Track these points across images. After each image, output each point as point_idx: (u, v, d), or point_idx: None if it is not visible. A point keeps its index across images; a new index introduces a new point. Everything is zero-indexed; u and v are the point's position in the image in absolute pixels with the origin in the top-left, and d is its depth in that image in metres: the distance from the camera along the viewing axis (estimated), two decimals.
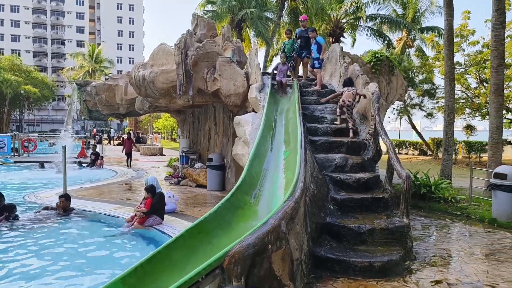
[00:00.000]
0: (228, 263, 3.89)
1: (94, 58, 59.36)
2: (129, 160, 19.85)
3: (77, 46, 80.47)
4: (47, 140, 32.97)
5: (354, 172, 7.24)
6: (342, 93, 8.75)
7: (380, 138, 7.65)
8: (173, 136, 53.71)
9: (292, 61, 11.67)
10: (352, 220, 6.18)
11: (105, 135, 42.69)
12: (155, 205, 8.09)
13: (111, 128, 31.97)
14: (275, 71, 10.30)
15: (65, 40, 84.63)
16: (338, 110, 8.57)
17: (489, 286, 4.99)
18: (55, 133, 45.69)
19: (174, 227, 7.76)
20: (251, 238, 4.07)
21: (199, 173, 13.26)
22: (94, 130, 53.91)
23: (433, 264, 5.84)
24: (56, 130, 63.95)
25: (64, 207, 8.81)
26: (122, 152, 20.32)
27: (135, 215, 8.03)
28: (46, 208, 8.95)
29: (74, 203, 9.26)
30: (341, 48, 11.89)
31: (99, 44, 70.75)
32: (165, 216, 8.31)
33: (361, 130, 8.54)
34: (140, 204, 8.38)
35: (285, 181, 5.93)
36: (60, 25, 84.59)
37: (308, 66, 11.61)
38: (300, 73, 12.17)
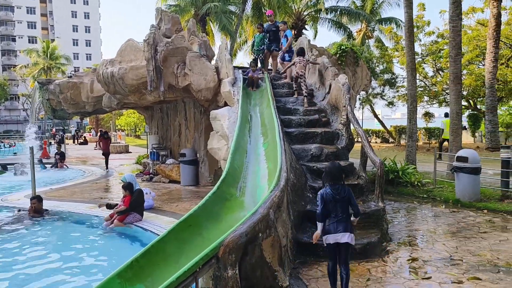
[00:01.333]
0: (223, 252, 4.03)
1: (49, 55, 56.93)
2: (107, 161, 17.53)
3: (29, 42, 76.79)
4: (7, 143, 31.52)
5: (330, 161, 7.52)
6: (294, 63, 9.83)
7: (352, 127, 8.01)
8: (137, 133, 52.68)
9: (261, 55, 11.87)
10: None
11: (68, 134, 41.19)
12: (134, 202, 8.06)
13: (72, 127, 30.93)
14: (245, 77, 10.28)
15: (15, 36, 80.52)
16: (294, 84, 9.85)
17: (459, 260, 5.41)
18: (10, 134, 43.72)
19: (154, 223, 7.79)
20: (243, 228, 4.24)
21: (171, 169, 13.23)
22: (54, 129, 51.97)
23: (408, 244, 6.23)
24: (10, 131, 61.13)
25: (37, 209, 8.60)
26: (96, 148, 19.76)
27: (114, 213, 7.98)
28: (19, 211, 8.71)
29: (46, 205, 9.05)
30: (309, 41, 12.20)
31: (53, 40, 67.84)
32: (144, 212, 8.30)
33: (333, 121, 8.86)
34: (120, 203, 8.32)
35: (267, 171, 6.12)
36: (9, 21, 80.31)
37: (278, 59, 11.83)
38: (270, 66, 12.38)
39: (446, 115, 16.83)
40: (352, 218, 4.51)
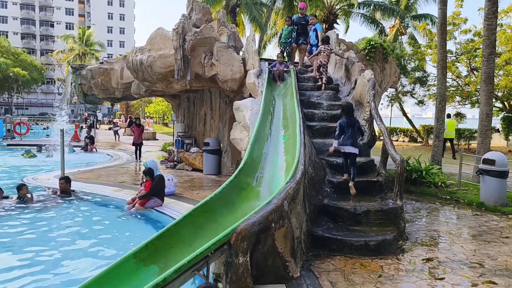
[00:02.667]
0: (235, 239, 4.13)
1: (84, 41, 58.51)
2: (138, 152, 15.72)
3: (66, 28, 79.10)
4: (41, 124, 32.66)
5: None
6: (320, 52, 10.00)
7: (375, 123, 7.92)
8: (165, 121, 53.57)
9: (288, 48, 11.82)
10: (348, 202, 6.45)
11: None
12: (155, 187, 8.28)
13: (96, 112, 31.59)
14: (272, 69, 10.29)
15: (54, 22, 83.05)
16: (316, 72, 10.11)
17: (476, 263, 5.31)
18: (45, 117, 45.37)
19: (174, 208, 7.99)
20: (256, 217, 4.32)
21: (195, 157, 13.44)
22: (85, 113, 53.53)
23: (424, 244, 6.15)
24: (45, 114, 63.36)
25: (64, 189, 8.96)
26: (124, 134, 19.74)
27: (135, 197, 8.23)
28: (54, 192, 9.11)
29: (73, 186, 9.41)
30: (337, 35, 12.07)
31: (88, 27, 69.69)
32: (165, 198, 8.52)
33: (356, 116, 8.76)
34: (140, 187, 8.57)
35: (285, 164, 6.16)
36: (48, 7, 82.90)
37: (306, 52, 11.77)
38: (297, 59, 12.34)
39: (448, 116, 18.22)
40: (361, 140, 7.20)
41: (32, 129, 27.65)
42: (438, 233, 6.75)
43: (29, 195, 8.41)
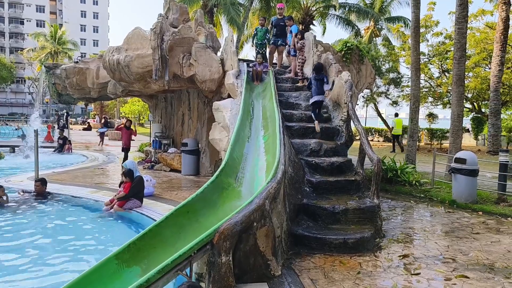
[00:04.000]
0: (218, 239, 4.17)
1: (56, 39, 57.06)
2: (127, 156, 13.77)
3: (37, 26, 76.90)
4: (11, 125, 31.64)
5: (328, 156, 7.65)
6: (301, 48, 10.66)
7: (352, 124, 8.10)
8: (140, 121, 52.84)
9: (263, 49, 11.91)
10: (327, 201, 6.58)
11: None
12: (134, 188, 8.21)
13: (65, 112, 30.65)
14: (250, 70, 10.37)
15: (23, 19, 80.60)
16: (299, 72, 10.62)
17: (450, 259, 5.52)
18: (15, 117, 44.00)
19: (153, 209, 7.94)
20: (238, 216, 4.37)
21: (173, 158, 13.37)
22: (56, 114, 52.18)
23: (400, 241, 6.34)
24: (15, 114, 61.46)
25: (40, 192, 8.77)
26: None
27: (114, 199, 8.13)
28: (23, 192, 8.88)
29: (49, 188, 9.20)
30: (314, 36, 12.23)
31: (60, 25, 67.97)
32: (144, 199, 8.45)
33: (334, 117, 8.95)
34: (120, 189, 8.47)
35: (265, 163, 6.23)
36: (18, 3, 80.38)
37: (284, 53, 11.90)
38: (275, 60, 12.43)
39: (396, 115, 21.82)
40: (325, 88, 8.75)
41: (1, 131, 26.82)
42: (413, 230, 6.97)
43: (4, 197, 8.19)
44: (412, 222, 7.52)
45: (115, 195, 8.38)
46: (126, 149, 13.81)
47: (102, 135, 24.27)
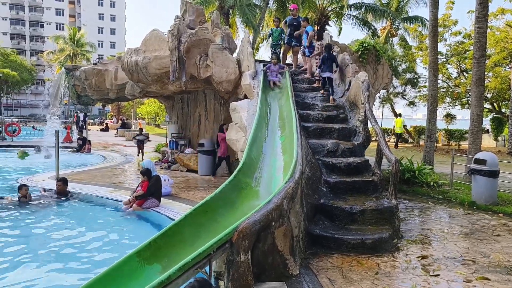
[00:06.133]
0: (237, 237, 4.21)
1: (75, 42, 58.10)
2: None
3: (57, 29, 78.53)
4: (35, 128, 32.22)
5: (345, 157, 7.63)
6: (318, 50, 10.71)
7: (369, 124, 8.07)
8: (157, 122, 53.38)
9: (278, 49, 11.95)
10: (344, 201, 6.57)
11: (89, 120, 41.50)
12: (152, 187, 8.33)
13: (83, 113, 31.05)
14: (267, 71, 10.14)
15: (43, 22, 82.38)
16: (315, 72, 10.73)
17: (470, 260, 5.46)
18: (35, 117, 44.97)
19: (171, 208, 8.04)
20: (257, 215, 4.40)
21: (189, 158, 13.49)
22: (75, 115, 53.05)
23: (419, 242, 6.29)
24: (35, 115, 62.75)
25: (61, 191, 8.97)
26: (116, 135, 19.39)
27: (134, 198, 8.26)
28: (44, 191, 9.11)
29: (69, 187, 9.39)
30: (331, 37, 12.22)
31: (79, 27, 69.19)
32: (162, 199, 8.56)
33: (350, 117, 8.92)
34: (137, 188, 8.61)
35: (283, 164, 6.26)
36: (38, 7, 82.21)
37: (299, 54, 11.90)
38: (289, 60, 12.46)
39: (398, 115, 25.13)
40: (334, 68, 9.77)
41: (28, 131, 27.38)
42: (432, 231, 6.90)
43: (27, 196, 8.42)
44: (430, 223, 7.44)
45: (132, 192, 8.53)
46: (226, 158, 11.92)
47: (141, 144, 17.00)
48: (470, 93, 20.51)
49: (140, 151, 16.73)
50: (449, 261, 5.41)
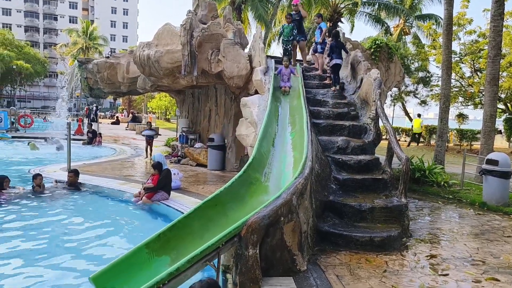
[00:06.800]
0: (246, 232, 4.23)
1: (88, 35, 58.54)
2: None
3: (70, 22, 79.16)
4: (47, 120, 32.49)
5: (355, 154, 7.60)
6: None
7: (380, 122, 8.02)
8: (167, 116, 53.62)
9: (289, 45, 11.89)
10: (353, 199, 6.55)
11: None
12: (162, 181, 8.39)
13: (95, 106, 31.16)
14: (277, 75, 9.49)
15: (57, 15, 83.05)
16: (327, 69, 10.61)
17: (479, 261, 5.41)
18: (47, 109, 45.52)
19: (180, 202, 8.10)
20: (266, 210, 4.42)
21: (199, 153, 13.54)
22: (86, 108, 53.57)
23: (428, 241, 6.25)
24: (47, 107, 63.48)
25: (72, 182, 9.08)
26: (127, 128, 19.41)
27: (143, 191, 8.33)
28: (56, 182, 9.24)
29: (80, 178, 9.50)
30: (343, 33, 12.14)
31: (92, 21, 69.59)
32: (171, 192, 8.62)
33: (361, 115, 8.87)
34: (147, 180, 8.68)
35: (293, 160, 6.26)
36: (52, 0, 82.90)
37: (310, 50, 11.85)
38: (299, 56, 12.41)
39: (417, 115, 25.77)
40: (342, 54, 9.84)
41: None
42: (441, 231, 6.85)
43: (41, 186, 8.58)
44: (440, 223, 7.39)
45: (142, 184, 8.61)
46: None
47: (150, 139, 15.07)
48: (483, 93, 20.24)
49: (149, 147, 14.86)
50: (458, 261, 5.37)
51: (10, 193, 8.25)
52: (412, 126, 24.78)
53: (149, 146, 14.92)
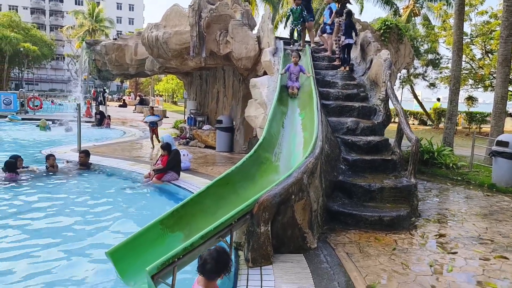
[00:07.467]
0: (258, 209, 4.30)
1: (94, 17, 58.26)
2: None
3: (76, 3, 78.58)
4: (55, 103, 32.65)
5: (365, 135, 7.61)
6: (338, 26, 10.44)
7: (390, 103, 7.99)
8: (174, 99, 53.65)
9: (299, 27, 11.77)
10: (362, 179, 6.59)
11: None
12: (172, 161, 8.46)
13: (103, 89, 31.18)
14: (285, 72, 8.36)
15: None
16: (336, 49, 10.37)
17: (488, 240, 5.46)
18: (55, 92, 45.68)
19: (190, 182, 8.19)
20: (277, 188, 4.48)
21: (208, 135, 13.60)
22: (94, 90, 53.71)
23: (436, 221, 6.30)
24: (55, 90, 63.71)
25: (83, 162, 9.20)
26: (135, 111, 19.46)
27: (153, 171, 8.43)
28: (68, 162, 9.38)
29: (90, 159, 9.62)
30: (353, 14, 11.96)
31: (98, 3, 68.99)
32: (181, 173, 8.71)
33: (371, 96, 8.83)
34: (157, 161, 8.77)
35: (303, 140, 6.29)
36: None
37: (318, 31, 11.73)
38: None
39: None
40: (352, 35, 9.73)
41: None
42: (450, 211, 6.89)
43: (54, 166, 8.73)
44: (448, 204, 7.42)
45: (152, 165, 8.70)
46: None
47: (154, 126, 13.58)
48: (494, 75, 19.98)
49: (154, 135, 13.37)
50: (467, 240, 5.42)
51: (26, 174, 8.41)
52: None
53: (154, 135, 13.43)
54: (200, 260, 2.86)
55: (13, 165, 8.17)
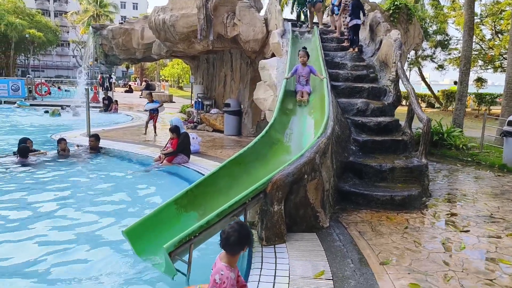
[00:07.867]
0: (271, 188, 4.33)
1: (98, 2, 57.91)
2: None
3: None
4: (61, 89, 32.71)
5: (375, 116, 7.58)
6: (344, 7, 10.49)
7: (401, 84, 7.93)
8: (180, 84, 53.56)
9: (305, 8, 11.65)
10: (373, 160, 6.59)
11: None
12: (181, 144, 8.51)
13: (111, 74, 31.17)
14: (293, 75, 7.44)
15: None
16: (345, 31, 10.44)
17: (500, 219, 5.47)
18: (61, 79, 45.73)
19: (200, 165, 8.24)
20: (290, 168, 4.50)
21: (215, 118, 13.61)
22: (100, 76, 53.72)
23: (447, 200, 6.31)
24: (61, 76, 63.76)
25: (94, 146, 9.28)
26: (141, 96, 19.51)
27: (163, 155, 8.48)
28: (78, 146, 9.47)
29: (100, 143, 9.68)
30: None
31: None
32: (191, 156, 8.75)
33: (381, 77, 8.77)
34: (166, 145, 8.82)
35: (313, 121, 6.29)
36: None
37: (326, 12, 11.60)
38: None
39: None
40: (360, 15, 9.67)
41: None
42: (461, 191, 6.89)
43: (65, 150, 8.83)
44: (459, 184, 7.42)
45: (162, 150, 8.75)
46: None
47: (154, 113, 12.66)
48: (504, 56, 19.69)
49: (153, 122, 12.50)
50: (479, 219, 5.43)
51: (38, 158, 8.51)
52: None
53: (152, 121, 12.49)
54: (223, 234, 2.88)
55: (26, 150, 8.27)
